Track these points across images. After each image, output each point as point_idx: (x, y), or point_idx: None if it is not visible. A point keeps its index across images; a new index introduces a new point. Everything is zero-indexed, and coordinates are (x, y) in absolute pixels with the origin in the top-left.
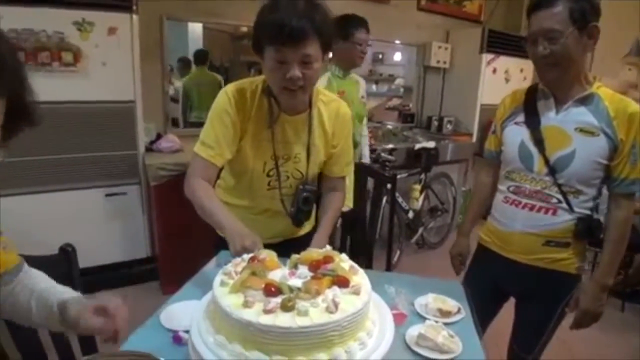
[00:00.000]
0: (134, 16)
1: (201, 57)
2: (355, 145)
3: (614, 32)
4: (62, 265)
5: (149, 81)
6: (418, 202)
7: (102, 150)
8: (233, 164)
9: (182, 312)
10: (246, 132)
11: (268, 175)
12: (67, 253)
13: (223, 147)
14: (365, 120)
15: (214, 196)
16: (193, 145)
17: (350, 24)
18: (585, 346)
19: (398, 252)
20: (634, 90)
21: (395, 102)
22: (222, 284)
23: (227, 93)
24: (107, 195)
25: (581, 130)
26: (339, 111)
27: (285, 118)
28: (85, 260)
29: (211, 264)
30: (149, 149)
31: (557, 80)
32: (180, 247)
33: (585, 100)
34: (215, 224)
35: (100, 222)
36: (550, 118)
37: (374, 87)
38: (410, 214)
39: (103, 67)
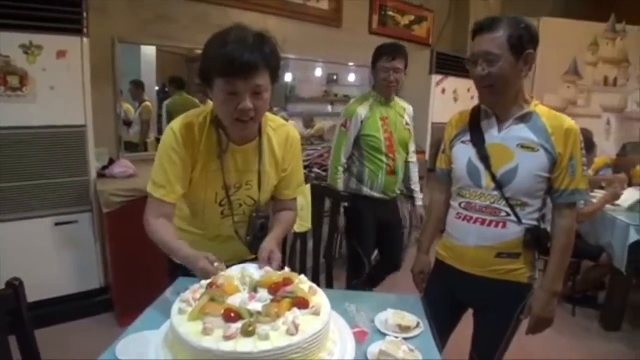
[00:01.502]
0: (85, 39)
1: (178, 82)
2: (397, 172)
3: (554, 52)
4: (9, 301)
5: (101, 105)
6: None
7: (51, 177)
8: (186, 195)
9: (139, 343)
10: (196, 165)
11: (220, 205)
12: (15, 288)
13: (174, 184)
14: (413, 147)
15: (172, 233)
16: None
17: (377, 52)
18: (542, 349)
19: None
20: (572, 106)
21: None
22: (181, 311)
23: (173, 130)
24: (56, 224)
25: (522, 147)
26: (288, 135)
27: (235, 148)
28: (35, 293)
29: (168, 292)
30: (101, 175)
31: (496, 102)
32: (136, 275)
33: (524, 119)
34: (179, 259)
35: (50, 253)
36: (493, 136)
37: (329, 107)
38: None
39: (51, 91)
